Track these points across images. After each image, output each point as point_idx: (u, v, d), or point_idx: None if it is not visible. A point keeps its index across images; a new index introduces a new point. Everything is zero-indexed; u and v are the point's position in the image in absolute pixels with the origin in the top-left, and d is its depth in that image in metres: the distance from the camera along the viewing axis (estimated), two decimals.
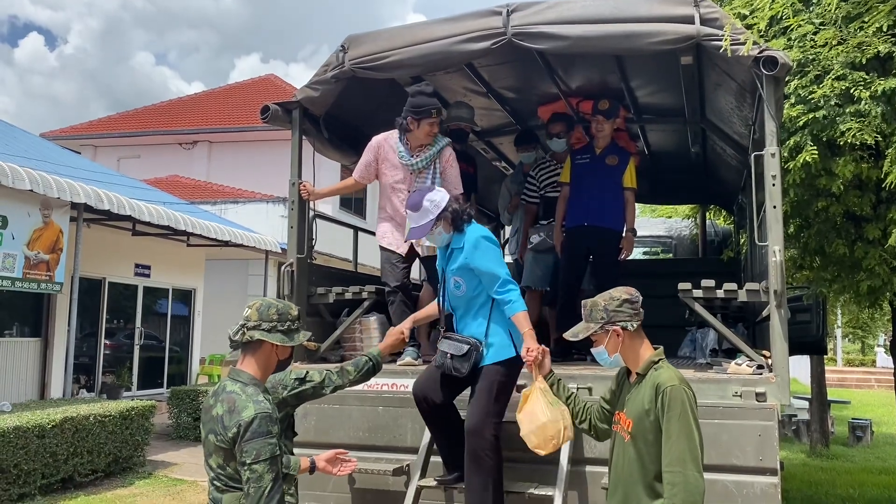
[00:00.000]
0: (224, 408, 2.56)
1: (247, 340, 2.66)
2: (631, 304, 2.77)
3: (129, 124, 20.70)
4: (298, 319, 2.79)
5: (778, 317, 3.68)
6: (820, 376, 11.48)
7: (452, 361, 3.65)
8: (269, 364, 2.73)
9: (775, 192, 3.76)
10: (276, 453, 2.51)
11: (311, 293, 4.75)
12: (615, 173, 5.42)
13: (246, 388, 2.59)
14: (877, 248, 5.79)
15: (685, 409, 2.56)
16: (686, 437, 2.53)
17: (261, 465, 2.46)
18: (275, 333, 2.67)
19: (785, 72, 3.77)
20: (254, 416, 2.49)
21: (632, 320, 2.75)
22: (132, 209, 9.62)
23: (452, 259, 3.77)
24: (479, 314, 3.74)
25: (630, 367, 2.80)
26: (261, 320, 2.67)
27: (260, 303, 2.73)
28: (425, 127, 4.49)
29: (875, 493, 7.83)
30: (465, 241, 3.71)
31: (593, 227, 5.38)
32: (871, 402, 18.06)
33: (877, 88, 5.15)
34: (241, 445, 2.48)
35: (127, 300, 13.06)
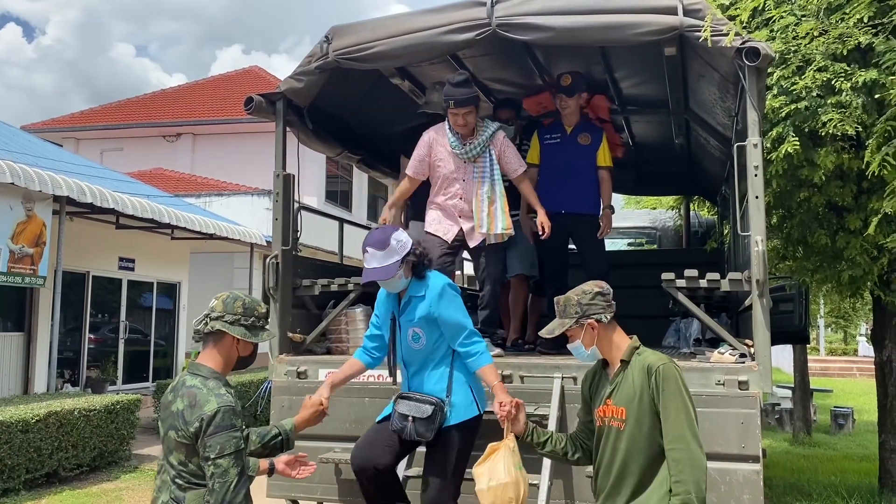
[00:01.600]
0: (185, 402, 2.49)
1: (208, 331, 2.61)
2: (603, 297, 2.79)
3: (111, 117, 20.50)
4: (265, 318, 2.73)
5: (760, 306, 3.71)
6: (803, 365, 11.60)
7: (415, 425, 3.32)
8: (230, 358, 2.66)
9: (757, 183, 3.79)
10: (241, 447, 2.46)
11: (297, 285, 4.74)
12: (589, 153, 5.24)
13: (207, 381, 2.53)
14: (858, 238, 5.86)
15: (679, 385, 2.61)
16: (685, 413, 2.59)
17: (226, 459, 2.41)
18: (237, 326, 2.61)
19: (767, 63, 3.80)
20: (216, 410, 2.43)
21: (605, 312, 2.76)
22: (115, 202, 9.54)
23: (411, 308, 3.46)
24: (438, 370, 3.45)
25: (610, 358, 2.81)
26: (225, 312, 2.62)
27: (227, 294, 2.69)
28: (455, 118, 4.46)
29: (856, 480, 7.94)
30: (428, 290, 3.43)
31: (572, 215, 5.19)
32: (853, 391, 18.30)
33: (857, 80, 5.20)
34: (205, 440, 2.42)
35: (111, 294, 12.97)
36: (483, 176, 4.55)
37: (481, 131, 4.56)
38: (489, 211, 4.52)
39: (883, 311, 6.92)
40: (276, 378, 4.50)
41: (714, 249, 7.29)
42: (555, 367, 4.06)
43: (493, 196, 4.54)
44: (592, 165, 5.23)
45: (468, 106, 4.39)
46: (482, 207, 4.52)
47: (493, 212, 4.53)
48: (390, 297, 3.56)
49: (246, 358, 2.74)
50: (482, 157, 4.55)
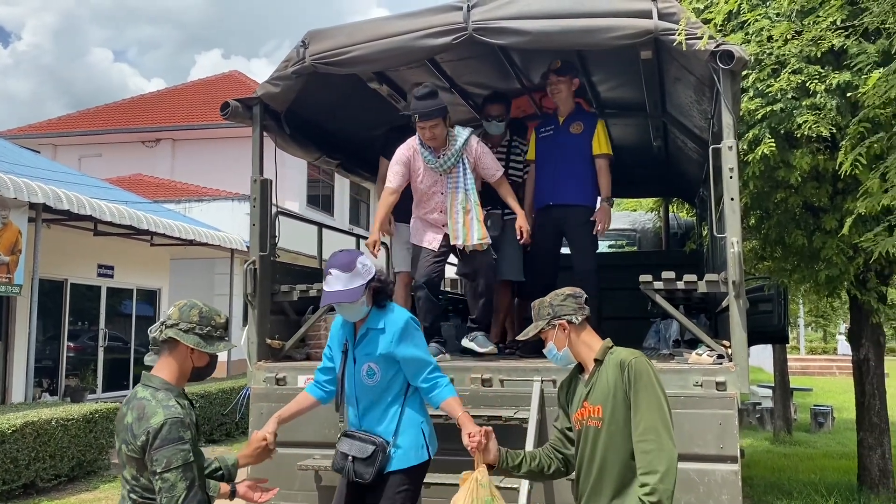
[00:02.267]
0: (134, 415, 2.42)
1: (163, 339, 2.54)
2: (575, 299, 2.82)
3: (90, 122, 20.31)
4: (224, 328, 2.65)
5: (737, 307, 3.74)
6: (782, 365, 11.69)
7: (354, 465, 3.15)
8: (184, 369, 2.57)
9: (732, 185, 3.82)
10: (189, 459, 2.38)
11: (275, 291, 4.71)
12: (581, 142, 5.08)
13: (157, 393, 2.46)
14: (834, 239, 5.92)
15: (651, 379, 2.61)
16: (656, 405, 2.58)
17: (172, 473, 2.33)
18: (191, 335, 2.54)
19: (741, 66, 3.83)
20: (163, 422, 2.36)
21: (576, 314, 2.78)
22: (93, 209, 9.45)
23: (368, 341, 3.21)
24: (389, 409, 3.22)
25: (583, 359, 2.81)
26: (180, 320, 2.54)
27: (185, 302, 2.61)
28: (423, 131, 4.46)
29: (835, 478, 8.01)
30: (389, 324, 3.20)
31: (560, 207, 5.04)
32: (833, 389, 18.48)
33: (831, 82, 5.27)
34: (151, 454, 2.35)
35: (90, 301, 12.83)
36: (457, 186, 4.55)
37: (453, 141, 4.54)
38: (464, 221, 4.53)
39: (860, 310, 6.99)
40: (255, 385, 4.47)
41: (693, 251, 7.34)
42: (534, 370, 4.06)
43: (467, 206, 4.54)
44: (585, 155, 5.08)
45: (433, 119, 4.38)
46: (457, 218, 4.53)
47: (469, 222, 4.53)
48: (345, 327, 3.31)
49: (201, 369, 2.64)
50: (456, 168, 4.56)
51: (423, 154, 4.55)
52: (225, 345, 2.64)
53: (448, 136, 4.53)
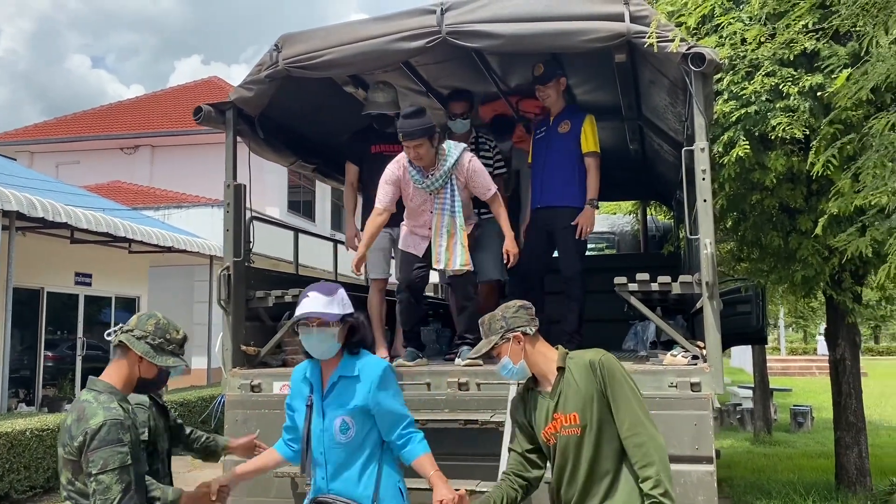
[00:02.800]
0: (73, 417, 2.40)
1: (116, 343, 2.53)
2: (526, 310, 2.78)
3: (67, 129, 20.12)
4: (179, 345, 2.61)
5: (710, 308, 3.75)
6: (762, 365, 11.78)
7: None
8: (131, 377, 2.54)
9: (705, 187, 3.83)
10: (127, 462, 2.34)
11: (250, 297, 4.67)
12: (568, 141, 4.99)
13: (99, 395, 2.43)
14: (809, 239, 5.97)
15: (622, 373, 2.64)
16: (634, 398, 2.62)
17: (108, 475, 2.29)
18: (141, 343, 2.52)
19: (712, 68, 3.84)
20: (102, 423, 2.33)
21: (530, 325, 2.75)
22: (68, 216, 9.35)
23: (340, 391, 2.86)
24: (365, 469, 2.87)
25: (540, 371, 2.76)
26: (136, 327, 2.54)
27: (145, 314, 2.62)
28: (408, 150, 4.31)
29: (814, 477, 8.06)
30: (364, 372, 2.87)
31: (547, 209, 4.98)
32: (813, 389, 18.62)
33: (804, 84, 5.31)
34: (87, 455, 2.31)
35: (68, 310, 12.69)
36: (443, 208, 4.41)
37: (443, 160, 4.36)
38: (448, 245, 4.40)
39: (836, 310, 7.05)
40: (230, 392, 4.42)
41: (671, 253, 7.37)
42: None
43: (452, 229, 4.40)
44: (573, 154, 4.97)
45: (417, 139, 4.21)
46: (440, 242, 4.40)
47: (452, 246, 4.40)
48: (309, 378, 2.94)
49: (148, 381, 2.61)
50: (444, 189, 4.39)
51: (412, 173, 4.39)
52: (175, 361, 2.60)
53: (438, 155, 4.35)
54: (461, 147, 4.44)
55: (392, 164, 4.48)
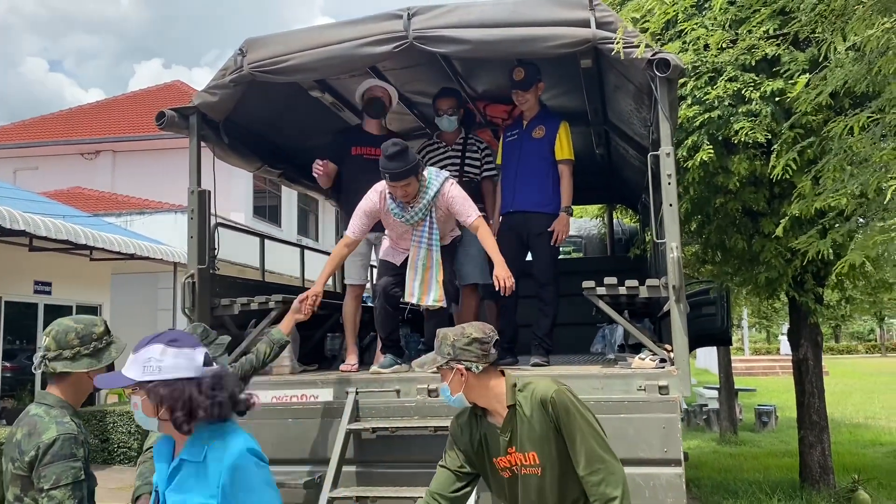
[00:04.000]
0: (24, 431, 2.33)
1: (51, 373, 2.42)
2: (481, 345, 2.54)
3: (25, 134, 19.67)
4: (106, 334, 2.52)
5: (677, 311, 3.78)
6: (727, 366, 11.95)
7: None
8: (82, 389, 2.48)
9: (671, 191, 3.87)
10: (80, 478, 2.29)
11: (215, 305, 4.60)
12: (542, 146, 4.93)
13: (51, 410, 2.37)
14: (772, 242, 6.07)
15: (575, 407, 2.49)
16: (590, 433, 2.48)
17: (60, 490, 2.23)
18: (80, 360, 2.43)
19: (677, 73, 3.89)
20: (55, 438, 2.27)
21: (478, 362, 2.52)
22: (27, 223, 9.11)
23: (183, 479, 2.02)
24: None
25: (489, 406, 2.59)
26: (60, 349, 2.42)
27: (56, 329, 2.45)
28: (394, 190, 4.19)
29: (779, 476, 8.19)
30: (212, 462, 1.99)
31: (520, 214, 4.91)
32: (776, 389, 18.97)
33: (766, 89, 5.41)
34: (39, 470, 2.25)
35: (27, 319, 12.38)
36: (420, 242, 4.33)
37: (424, 192, 4.25)
38: (423, 279, 4.31)
39: (798, 311, 7.18)
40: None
41: (637, 256, 7.43)
42: None
43: (428, 263, 4.32)
44: (546, 160, 4.93)
45: (405, 179, 4.12)
46: (415, 276, 4.31)
47: (427, 280, 4.31)
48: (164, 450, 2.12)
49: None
50: (423, 222, 4.31)
51: (391, 206, 4.30)
52: (115, 348, 2.53)
53: (420, 187, 4.25)
54: (442, 176, 4.32)
55: (372, 193, 4.36)
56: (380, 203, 4.35)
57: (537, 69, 4.98)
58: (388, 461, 4.05)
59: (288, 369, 4.65)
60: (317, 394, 4.19)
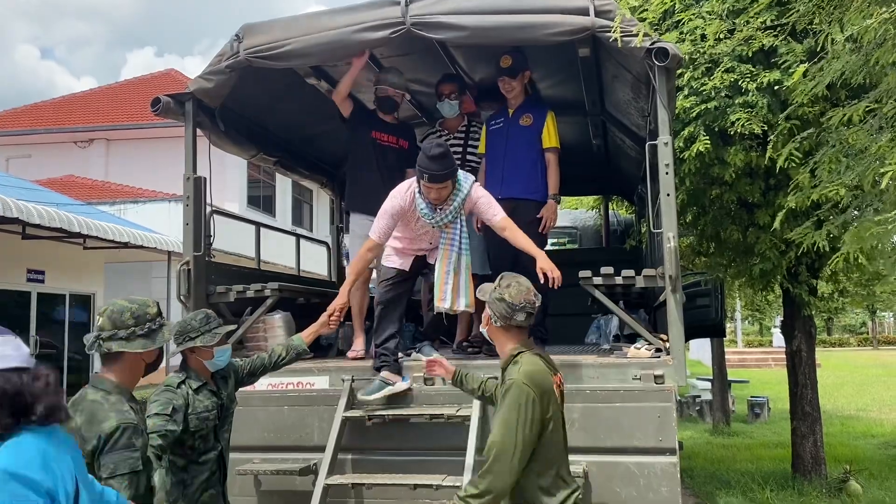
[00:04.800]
0: (83, 418, 2.35)
1: (104, 353, 2.46)
2: (507, 306, 2.75)
3: (18, 122, 19.54)
4: (159, 316, 2.59)
5: (673, 301, 3.79)
6: (720, 358, 11.99)
7: None
8: (136, 371, 2.53)
9: (668, 181, 3.87)
10: (137, 468, 2.32)
11: (211, 292, 4.58)
12: (530, 134, 4.91)
13: (109, 396, 2.40)
14: (767, 233, 6.08)
15: (516, 403, 2.58)
16: (506, 427, 2.56)
17: (116, 480, 2.26)
18: (135, 340, 2.47)
19: (676, 63, 3.88)
20: (115, 427, 2.30)
21: (499, 318, 2.79)
22: (20, 211, 9.06)
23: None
24: None
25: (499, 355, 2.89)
26: (115, 328, 2.46)
27: (111, 309, 2.51)
28: (429, 191, 4.03)
29: (771, 466, 8.24)
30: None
31: (508, 201, 4.76)
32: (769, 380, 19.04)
33: (762, 80, 5.40)
34: (99, 459, 2.28)
35: (20, 308, 12.33)
36: (451, 245, 4.21)
37: (454, 196, 4.10)
38: (454, 283, 4.18)
39: (792, 303, 7.20)
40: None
41: (633, 247, 7.45)
42: (476, 368, 4.04)
43: (458, 268, 4.20)
44: (534, 147, 4.91)
45: (445, 181, 3.98)
46: (446, 279, 4.17)
47: (458, 285, 4.19)
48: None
49: (153, 364, 2.62)
50: (453, 225, 4.19)
51: (421, 207, 4.13)
52: (167, 330, 2.60)
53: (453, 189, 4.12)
54: (471, 179, 4.21)
55: (399, 195, 4.17)
56: (406, 204, 4.17)
57: (525, 57, 4.97)
58: (384, 448, 4.06)
59: None
60: (313, 381, 4.19)
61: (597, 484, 3.68)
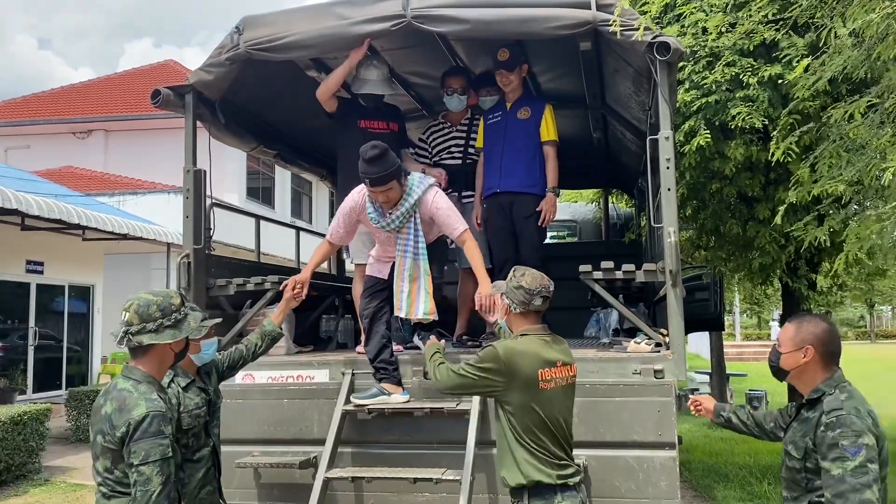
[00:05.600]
0: (113, 406, 2.41)
1: (134, 346, 2.51)
2: (525, 293, 2.96)
3: (16, 112, 19.47)
4: (183, 304, 2.64)
5: (674, 296, 3.79)
6: (719, 351, 12.02)
7: None
8: (165, 360, 2.60)
9: (669, 175, 3.86)
10: (168, 455, 2.38)
11: (211, 285, 4.58)
12: (528, 128, 4.88)
13: (139, 385, 2.46)
14: (767, 228, 6.08)
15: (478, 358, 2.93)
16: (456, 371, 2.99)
17: (149, 466, 2.33)
18: (164, 332, 2.52)
19: (677, 57, 3.87)
20: (145, 415, 2.36)
21: (518, 306, 2.98)
22: (19, 202, 9.05)
23: None
24: None
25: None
26: (143, 322, 2.50)
27: (137, 303, 2.54)
28: (374, 195, 3.92)
29: (769, 459, 8.26)
30: None
31: (507, 194, 4.86)
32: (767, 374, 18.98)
33: (763, 74, 5.39)
34: (130, 446, 2.35)
35: (19, 299, 12.33)
36: (405, 252, 4.05)
37: (404, 199, 3.96)
38: (410, 290, 4.05)
39: (791, 297, 7.21)
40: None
41: (632, 241, 7.44)
42: None
43: (415, 273, 4.04)
44: (533, 141, 4.89)
45: (387, 184, 3.85)
46: (402, 287, 4.04)
47: (415, 291, 4.05)
48: None
49: (181, 352, 2.68)
50: (406, 229, 4.02)
51: (368, 211, 4.03)
52: (193, 318, 2.64)
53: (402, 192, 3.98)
54: (426, 183, 4.06)
55: (352, 195, 4.13)
56: (357, 205, 4.10)
57: (523, 50, 4.95)
58: (384, 442, 4.07)
59: (284, 350, 4.65)
60: (313, 375, 4.20)
61: (596, 478, 3.69)
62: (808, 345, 2.54)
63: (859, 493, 2.30)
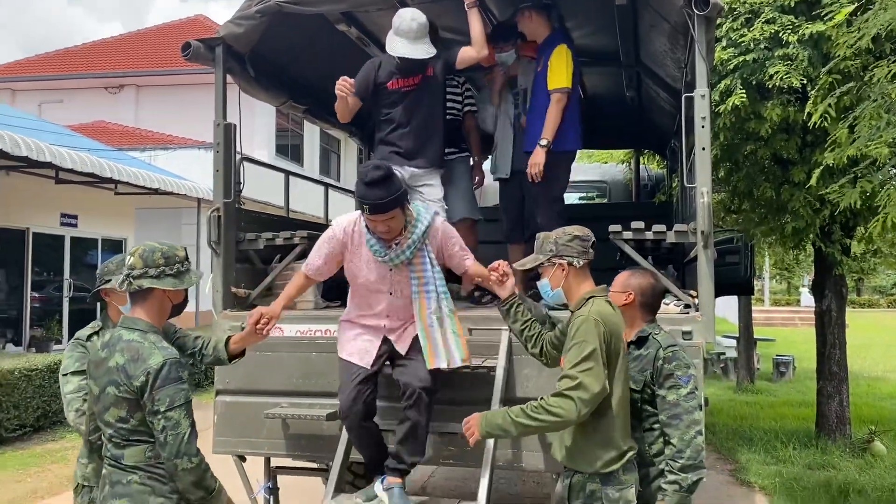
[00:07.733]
0: (125, 357, 2.45)
1: (134, 290, 2.55)
2: (581, 241, 2.82)
3: (50, 67, 19.65)
4: (186, 260, 2.68)
5: (704, 257, 3.74)
6: (747, 316, 11.92)
7: None
8: (164, 310, 2.63)
9: (704, 134, 3.78)
10: (190, 399, 2.46)
11: (240, 239, 4.62)
12: (541, 80, 4.65)
13: (146, 335, 2.50)
14: (801, 191, 5.97)
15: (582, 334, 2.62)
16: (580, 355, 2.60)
17: (176, 411, 2.40)
18: (165, 279, 2.56)
19: (716, 12, 3.75)
20: (163, 363, 2.42)
21: (579, 258, 2.81)
22: (53, 155, 9.19)
23: None
24: None
25: (569, 304, 2.86)
26: (147, 267, 2.55)
27: (143, 248, 2.61)
28: (374, 224, 3.31)
29: (794, 425, 8.24)
30: None
31: (524, 154, 4.73)
32: (795, 340, 18.94)
33: (804, 32, 5.24)
34: (153, 394, 2.40)
35: (54, 251, 12.60)
36: (426, 290, 3.45)
37: (412, 228, 3.37)
38: (442, 337, 3.46)
39: (824, 262, 7.10)
40: (220, 334, 4.41)
41: (662, 202, 7.35)
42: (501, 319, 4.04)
43: (442, 315, 3.47)
44: (546, 94, 4.59)
45: (390, 211, 3.25)
46: (432, 333, 3.45)
47: (446, 337, 3.47)
48: None
49: (179, 305, 2.71)
50: (422, 263, 3.42)
51: (370, 243, 3.39)
52: (194, 273, 2.68)
53: (407, 221, 3.37)
54: (432, 209, 3.67)
55: (340, 225, 3.50)
56: (347, 237, 3.45)
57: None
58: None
59: (311, 304, 4.69)
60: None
61: None
62: (632, 290, 2.97)
63: (691, 415, 2.77)
